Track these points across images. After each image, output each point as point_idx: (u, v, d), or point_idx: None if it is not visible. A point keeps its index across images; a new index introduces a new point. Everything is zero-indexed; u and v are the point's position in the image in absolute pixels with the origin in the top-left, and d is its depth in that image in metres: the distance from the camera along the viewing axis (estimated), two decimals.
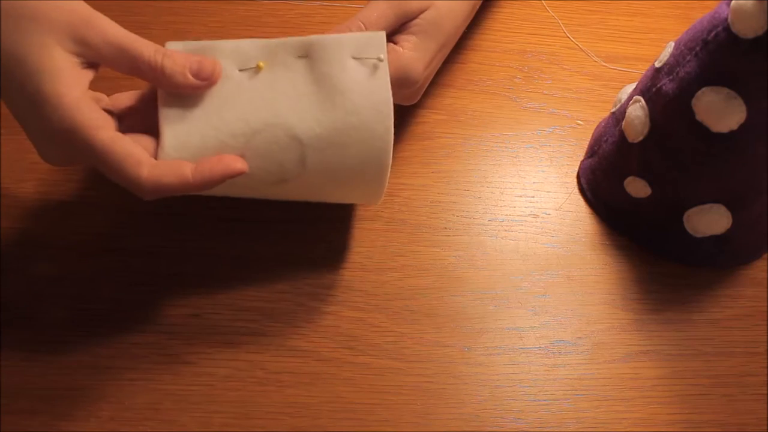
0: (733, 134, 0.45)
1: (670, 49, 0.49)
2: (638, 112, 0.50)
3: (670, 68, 0.48)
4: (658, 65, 0.49)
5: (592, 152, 0.57)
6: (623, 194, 0.54)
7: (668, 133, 0.49)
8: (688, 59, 0.46)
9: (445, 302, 0.52)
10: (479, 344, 0.50)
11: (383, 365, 0.49)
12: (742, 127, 0.45)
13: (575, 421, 0.49)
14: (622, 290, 0.53)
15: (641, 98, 0.50)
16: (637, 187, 0.52)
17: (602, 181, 0.55)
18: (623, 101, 0.54)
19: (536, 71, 0.62)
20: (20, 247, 0.51)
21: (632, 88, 0.54)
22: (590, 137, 0.58)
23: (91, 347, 0.48)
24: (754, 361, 0.52)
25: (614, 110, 0.56)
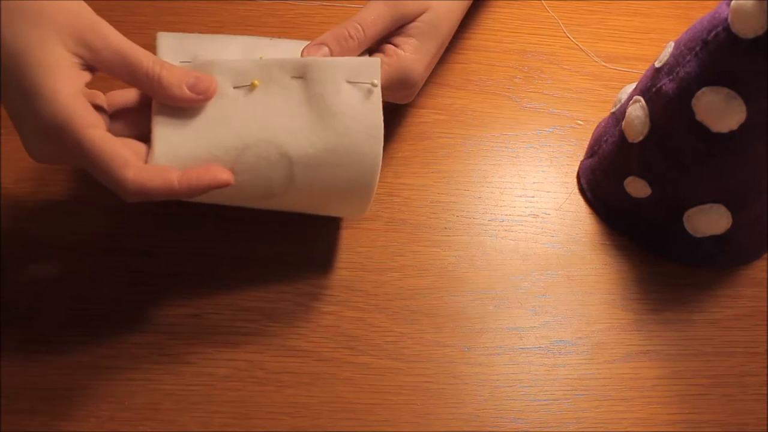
0: (733, 134, 0.45)
1: (670, 49, 0.49)
2: (638, 112, 0.50)
3: (670, 68, 0.48)
4: (658, 65, 0.49)
5: (592, 152, 0.57)
6: (623, 194, 0.54)
7: (668, 133, 0.49)
8: (688, 59, 0.46)
9: (445, 302, 0.52)
10: (479, 344, 0.50)
11: (383, 365, 0.49)
12: (742, 127, 0.45)
13: (575, 421, 0.49)
14: (622, 290, 0.53)
15: (641, 98, 0.50)
16: (637, 187, 0.52)
17: (602, 181, 0.55)
18: (623, 101, 0.54)
19: (536, 71, 0.62)
20: (20, 247, 0.51)
21: (632, 88, 0.54)
22: (590, 137, 0.58)
23: (91, 347, 0.48)
24: (754, 361, 0.52)
25: (614, 110, 0.56)
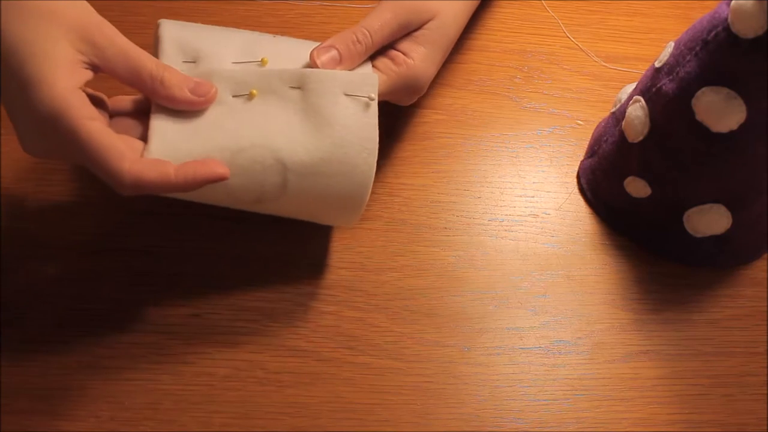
0: (733, 134, 0.45)
1: (670, 49, 0.49)
2: (638, 112, 0.50)
3: (670, 68, 0.48)
4: (658, 65, 0.49)
5: (592, 152, 0.57)
6: (623, 194, 0.54)
7: (668, 133, 0.49)
8: (688, 59, 0.46)
9: (445, 302, 0.52)
10: (479, 344, 0.50)
11: (383, 365, 0.49)
12: (742, 127, 0.45)
13: (575, 421, 0.49)
14: (622, 290, 0.53)
15: (641, 98, 0.50)
16: (637, 187, 0.52)
17: (602, 181, 0.55)
18: (623, 101, 0.54)
19: (536, 71, 0.62)
20: (20, 247, 0.50)
21: (632, 88, 0.54)
22: (590, 137, 0.58)
23: (91, 347, 0.48)
24: (754, 361, 0.52)
25: (614, 110, 0.56)
